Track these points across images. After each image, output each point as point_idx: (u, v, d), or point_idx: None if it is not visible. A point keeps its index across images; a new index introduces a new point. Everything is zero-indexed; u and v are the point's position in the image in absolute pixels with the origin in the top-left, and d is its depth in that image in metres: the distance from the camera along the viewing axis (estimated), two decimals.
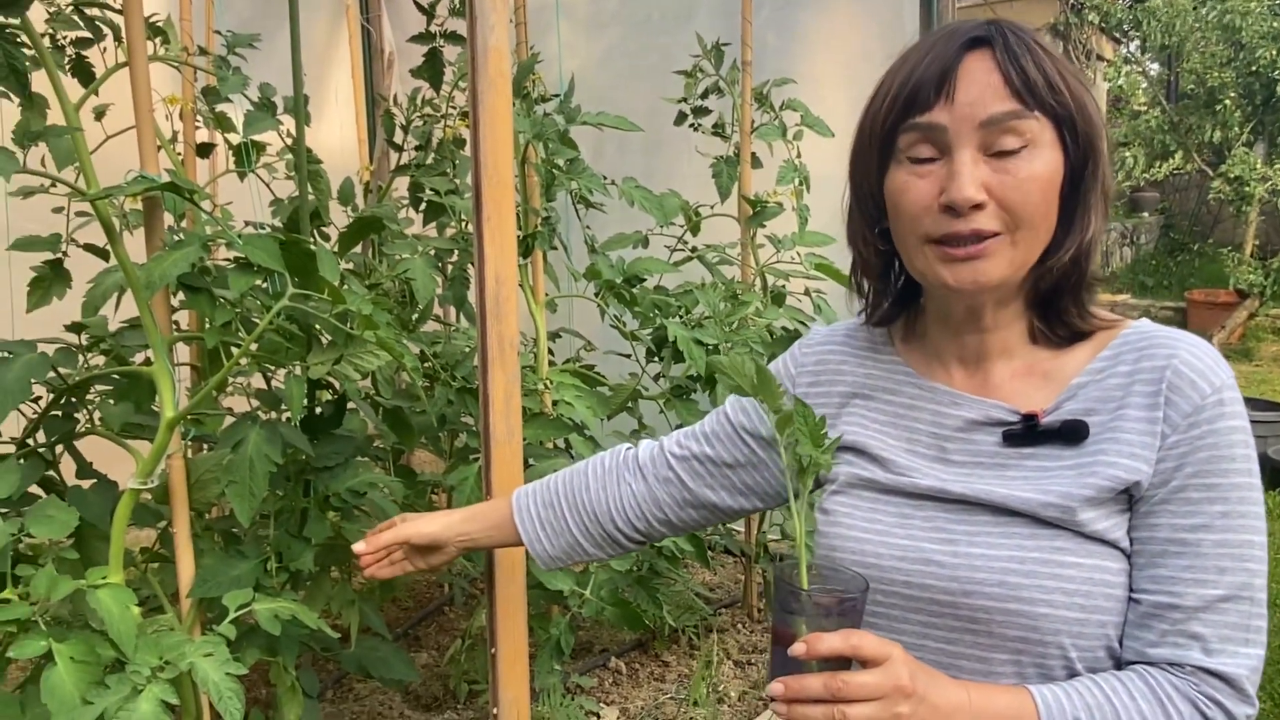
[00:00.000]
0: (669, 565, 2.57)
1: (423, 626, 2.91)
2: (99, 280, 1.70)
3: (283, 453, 1.50)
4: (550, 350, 2.37)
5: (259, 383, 1.91)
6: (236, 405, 1.94)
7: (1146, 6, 8.33)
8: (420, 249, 2.13)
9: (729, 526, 3.04)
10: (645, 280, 2.40)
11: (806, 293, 2.64)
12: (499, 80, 1.38)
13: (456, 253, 2.37)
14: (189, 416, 1.49)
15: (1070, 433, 0.88)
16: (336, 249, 1.81)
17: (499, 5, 1.37)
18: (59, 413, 1.59)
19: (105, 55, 1.56)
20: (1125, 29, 9.26)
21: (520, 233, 2.13)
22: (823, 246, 2.55)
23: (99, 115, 1.67)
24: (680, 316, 2.35)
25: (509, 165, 1.41)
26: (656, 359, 2.40)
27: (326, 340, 1.59)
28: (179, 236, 1.50)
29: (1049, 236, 0.88)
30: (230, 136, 1.88)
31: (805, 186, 2.64)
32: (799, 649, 0.78)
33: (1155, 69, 9.96)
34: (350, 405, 1.83)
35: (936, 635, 0.90)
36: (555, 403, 2.20)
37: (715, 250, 2.66)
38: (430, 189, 2.35)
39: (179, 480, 1.47)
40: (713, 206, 2.62)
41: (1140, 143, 8.57)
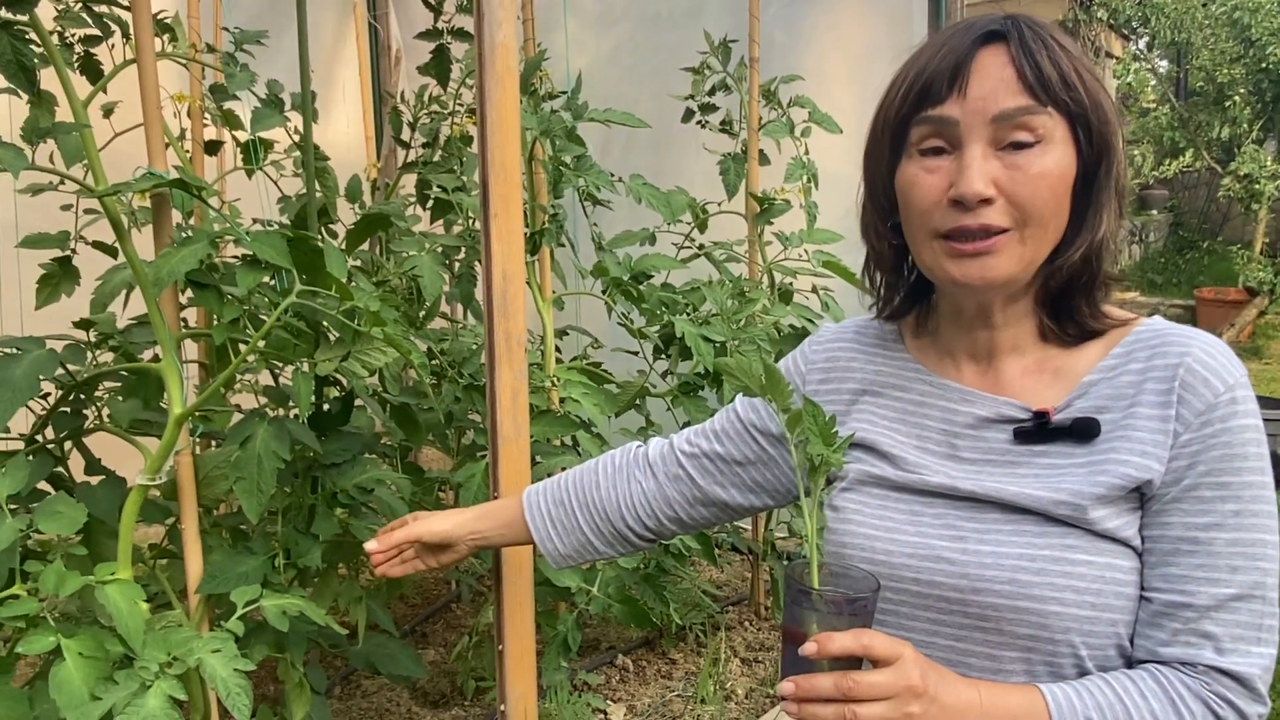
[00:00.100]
0: (676, 563, 2.57)
1: (430, 623, 2.91)
2: (107, 277, 1.70)
3: (291, 449, 1.50)
4: (557, 347, 2.37)
5: (267, 379, 1.92)
6: (244, 402, 1.94)
7: (1155, 3, 8.28)
8: (427, 246, 2.13)
9: (736, 524, 3.03)
10: (652, 277, 2.40)
11: (814, 290, 2.63)
12: (506, 77, 1.37)
13: (464, 250, 2.37)
14: (197, 413, 1.49)
15: (1082, 430, 0.88)
16: (344, 246, 1.81)
17: (506, 2, 1.36)
18: (67, 409, 1.59)
19: (113, 52, 1.56)
20: (1134, 26, 9.20)
21: (528, 230, 2.12)
22: (831, 244, 2.54)
23: (107, 112, 1.67)
24: (688, 314, 2.35)
25: (516, 162, 1.41)
26: (664, 356, 2.40)
27: (334, 337, 1.59)
28: (187, 233, 1.50)
29: (1059, 234, 0.88)
30: (238, 134, 1.88)
31: (813, 183, 2.62)
32: (810, 648, 0.78)
33: (1164, 66, 9.91)
34: (358, 402, 1.83)
35: (946, 632, 0.90)
36: (562, 400, 2.20)
37: (723, 247, 2.65)
38: (438, 186, 2.35)
39: (187, 477, 1.47)
40: (720, 204, 2.62)
41: (1149, 140, 8.52)
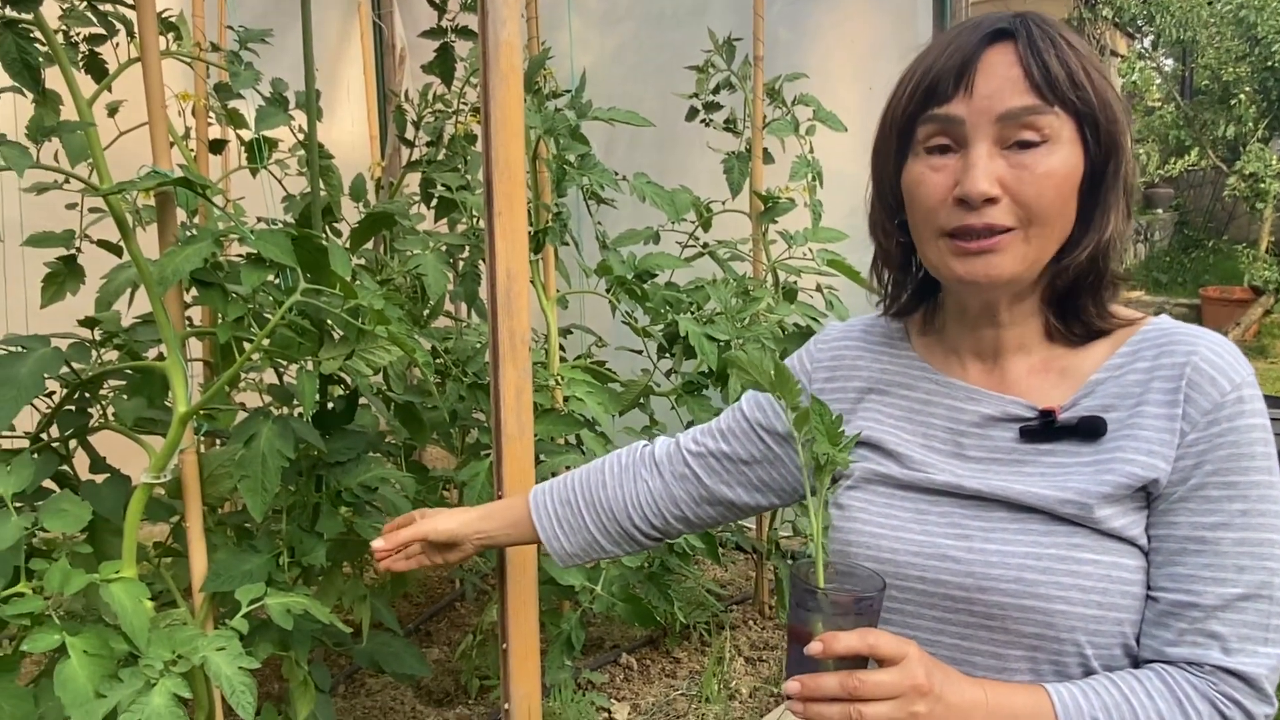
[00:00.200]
0: (680, 562, 2.57)
1: (434, 622, 2.91)
2: (112, 276, 1.70)
3: (295, 448, 1.50)
4: (561, 346, 2.37)
5: (271, 378, 1.92)
6: (249, 400, 1.95)
7: (1160, 1, 8.25)
8: (432, 245, 2.13)
9: (740, 523, 3.03)
10: (657, 276, 2.39)
11: (819, 289, 2.63)
12: (511, 75, 1.37)
13: (468, 248, 2.36)
14: (201, 411, 1.50)
15: (1088, 429, 0.87)
16: (348, 244, 1.81)
17: (510, 0, 1.36)
18: (72, 407, 1.59)
19: (118, 51, 1.56)
20: (1139, 24, 9.18)
21: (532, 228, 2.12)
22: (835, 242, 2.53)
23: (112, 111, 1.67)
24: (692, 312, 2.35)
25: (520, 161, 1.41)
26: (668, 355, 2.39)
27: (338, 335, 1.59)
28: (192, 232, 1.50)
29: (1064, 234, 0.87)
30: (243, 132, 1.88)
31: (818, 182, 2.62)
32: (815, 648, 0.78)
33: (1169, 64, 9.89)
34: (362, 401, 1.83)
35: (951, 631, 0.90)
36: (566, 399, 2.20)
37: (727, 246, 2.65)
38: (442, 185, 2.35)
39: (192, 475, 1.47)
40: (724, 202, 2.61)
41: (1154, 138, 8.50)
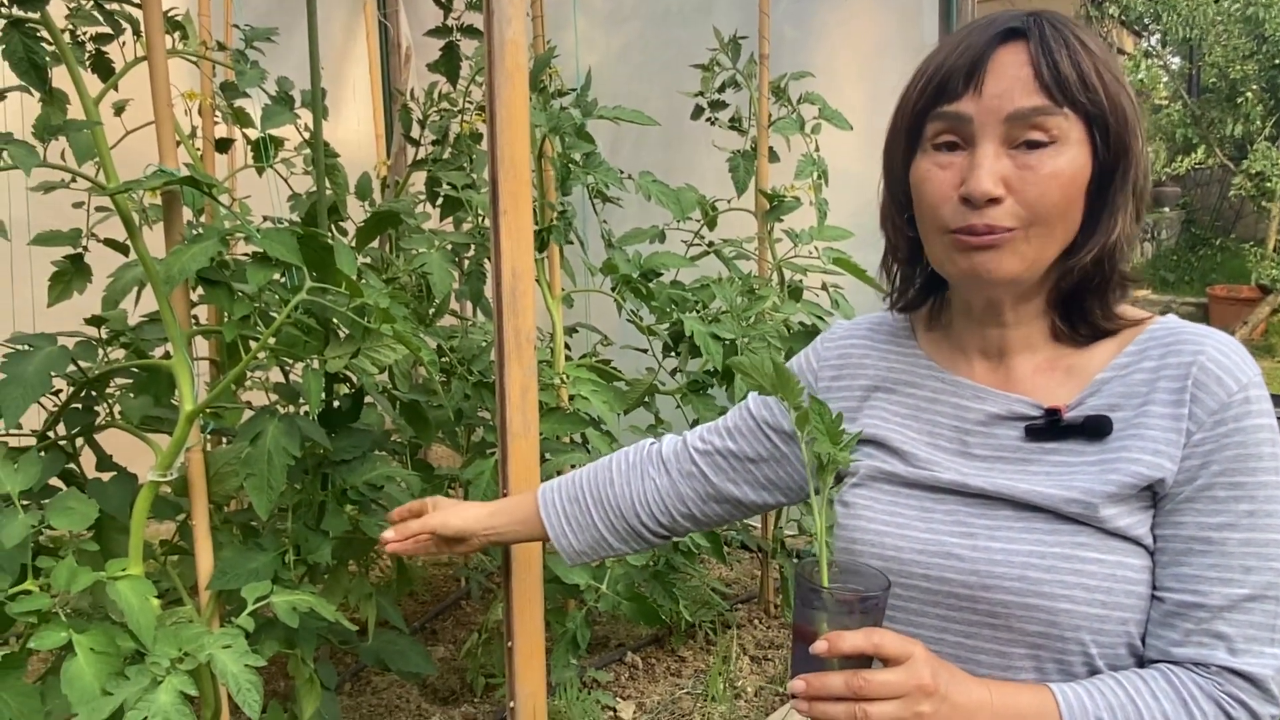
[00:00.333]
0: (685, 560, 2.57)
1: (440, 620, 2.92)
2: (119, 274, 1.71)
3: (301, 446, 1.51)
4: (567, 345, 2.36)
5: (277, 376, 1.92)
6: (255, 399, 1.95)
7: None
8: (437, 243, 2.13)
9: (746, 522, 3.03)
10: (662, 275, 2.39)
11: (824, 287, 2.63)
12: (516, 74, 1.37)
13: (473, 247, 2.37)
14: (208, 410, 1.50)
15: (1093, 428, 0.87)
16: (354, 243, 1.81)
17: None
18: (79, 406, 1.60)
19: (124, 50, 1.57)
20: (1146, 22, 9.15)
21: (537, 227, 2.12)
22: (841, 241, 2.53)
23: (118, 110, 1.68)
24: (697, 311, 2.35)
25: (526, 159, 1.41)
26: (673, 354, 2.40)
27: (344, 334, 1.59)
28: (198, 231, 1.50)
29: (1068, 236, 0.87)
30: (248, 131, 1.88)
31: (824, 180, 2.62)
32: (820, 647, 0.78)
33: (1176, 62, 9.85)
34: (368, 399, 1.83)
35: (955, 629, 0.90)
36: (572, 397, 2.20)
37: (732, 245, 2.65)
38: (447, 183, 2.35)
39: (198, 473, 1.48)
40: (730, 201, 2.61)
41: (1161, 137, 8.48)
